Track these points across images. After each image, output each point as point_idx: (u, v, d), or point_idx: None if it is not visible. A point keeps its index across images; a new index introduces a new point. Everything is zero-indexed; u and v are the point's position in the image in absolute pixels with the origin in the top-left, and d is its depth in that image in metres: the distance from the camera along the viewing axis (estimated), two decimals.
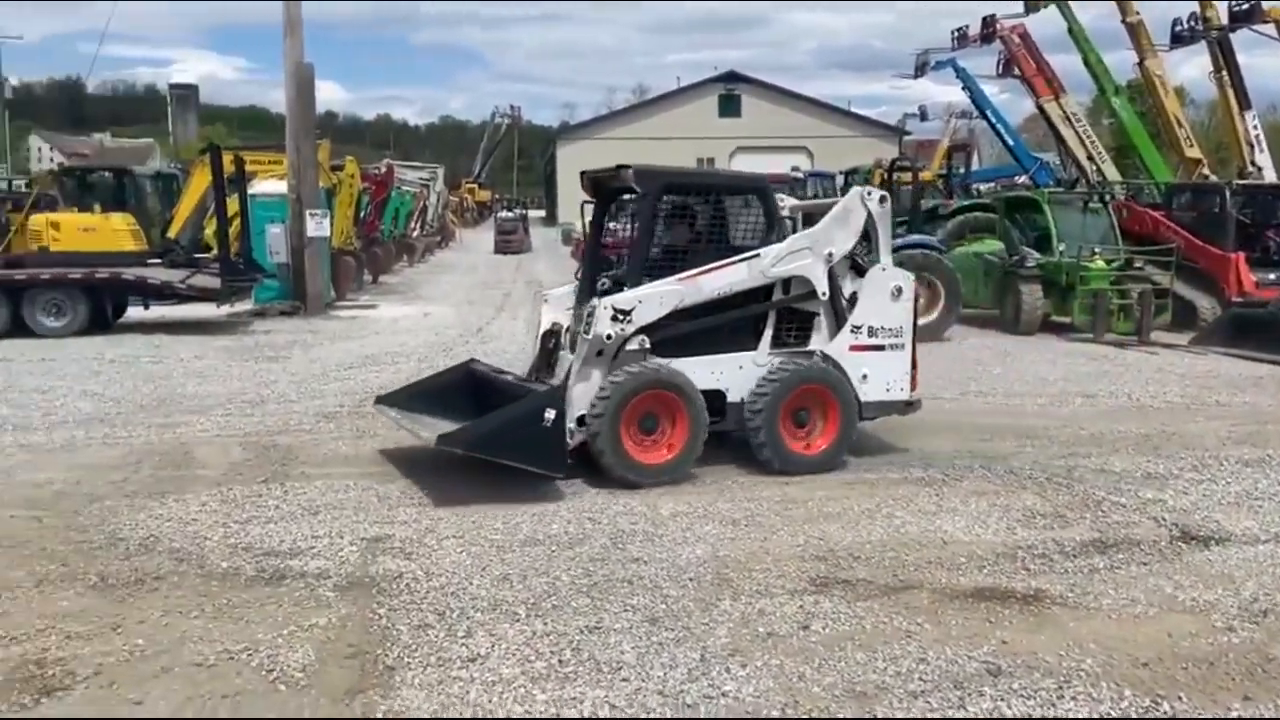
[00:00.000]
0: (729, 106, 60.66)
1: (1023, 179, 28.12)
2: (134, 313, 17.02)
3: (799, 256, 7.51)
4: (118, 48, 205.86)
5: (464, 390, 8.06)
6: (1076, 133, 24.37)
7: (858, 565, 5.57)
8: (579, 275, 8.19)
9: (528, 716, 3.89)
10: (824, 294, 7.58)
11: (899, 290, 7.82)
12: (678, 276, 7.21)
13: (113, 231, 17.17)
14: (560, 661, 4.34)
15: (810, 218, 8.55)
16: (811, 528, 6.19)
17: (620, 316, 6.99)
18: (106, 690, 4.07)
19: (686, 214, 7.76)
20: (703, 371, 7.29)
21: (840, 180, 31.52)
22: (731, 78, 62.30)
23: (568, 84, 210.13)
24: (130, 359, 12.88)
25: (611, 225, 8.93)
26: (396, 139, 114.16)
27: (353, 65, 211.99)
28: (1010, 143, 28.02)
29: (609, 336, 6.97)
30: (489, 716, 3.89)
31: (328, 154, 21.48)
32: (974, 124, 36.03)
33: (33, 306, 15.06)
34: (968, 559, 5.67)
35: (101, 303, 15.84)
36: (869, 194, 7.86)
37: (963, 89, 27.63)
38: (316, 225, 18.34)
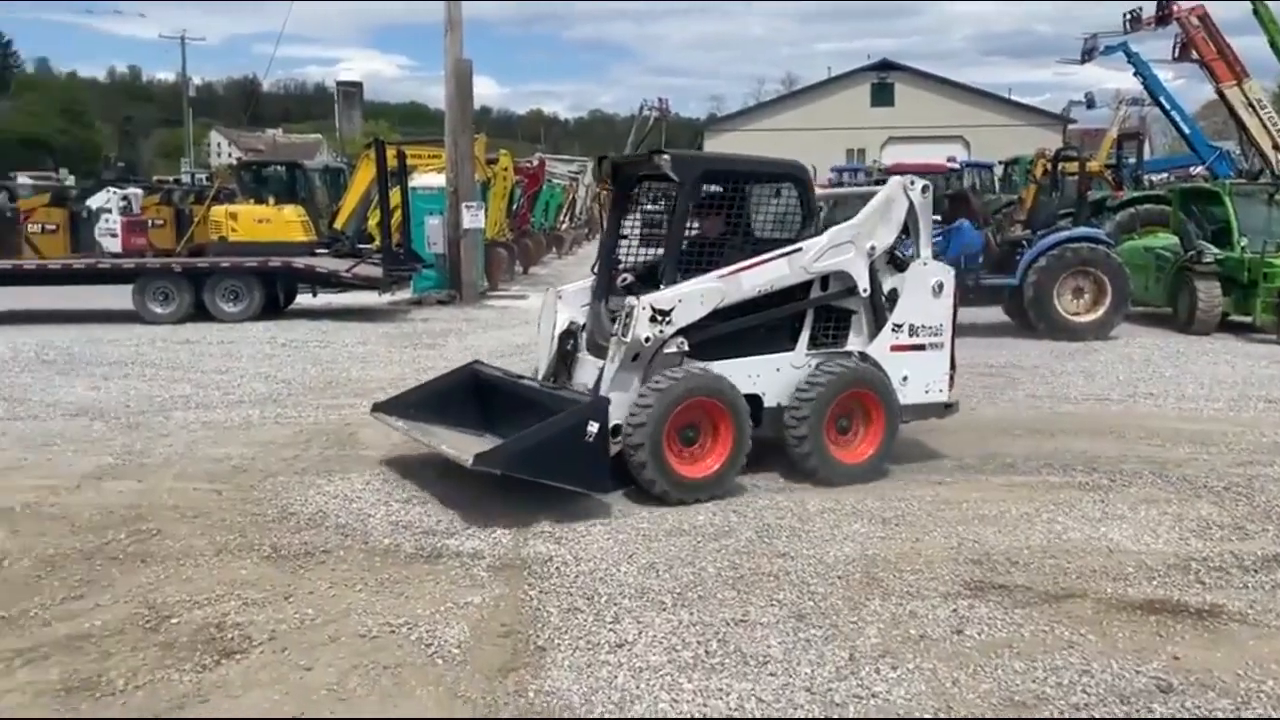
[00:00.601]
0: (881, 95, 59.23)
1: (1199, 170, 26.41)
2: (303, 300, 17.98)
3: (841, 251, 7.02)
4: (290, 48, 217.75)
5: (468, 395, 7.52)
6: (1261, 120, 22.72)
7: (1015, 571, 5.36)
8: (595, 270, 7.54)
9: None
10: (865, 290, 7.11)
11: (940, 286, 7.37)
12: (718, 273, 6.67)
13: (285, 223, 18.18)
14: (706, 652, 4.35)
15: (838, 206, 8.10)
16: (966, 530, 6.00)
17: (659, 317, 6.43)
18: (279, 655, 4.31)
19: (723, 204, 7.10)
20: (739, 375, 6.74)
21: (999, 170, 30.35)
22: (884, 66, 60.80)
23: (716, 76, 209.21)
24: (300, 343, 13.61)
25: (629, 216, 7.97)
26: (547, 133, 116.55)
27: (507, 61, 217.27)
28: (1186, 131, 26.31)
29: (648, 339, 6.42)
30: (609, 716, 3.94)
31: (483, 148, 22.13)
32: (1145, 111, 34.11)
33: (213, 293, 16.10)
34: (1136, 569, 5.39)
35: (274, 290, 16.81)
36: (911, 183, 7.31)
37: (1134, 75, 26.11)
38: (472, 217, 18.89)
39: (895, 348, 7.25)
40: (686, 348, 6.56)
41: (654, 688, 4.04)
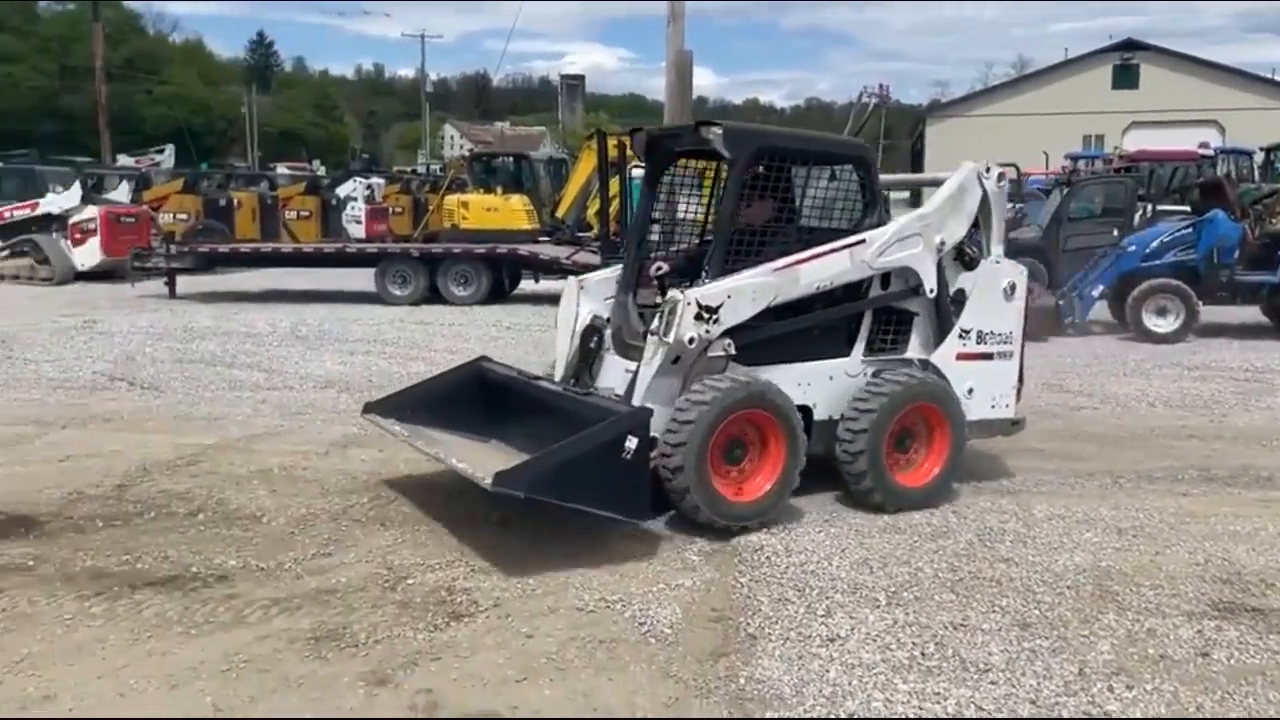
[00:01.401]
0: (1125, 77, 55.19)
1: None
2: (525, 285, 18.75)
3: (908, 244, 6.18)
4: (518, 43, 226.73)
5: (473, 396, 6.69)
6: None
7: (1271, 593, 4.90)
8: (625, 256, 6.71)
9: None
10: (931, 291, 6.28)
11: (1012, 288, 6.57)
12: (772, 265, 5.81)
13: (511, 211, 19.04)
14: (923, 654, 4.23)
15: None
16: (1213, 546, 5.54)
17: (706, 315, 5.59)
18: (503, 621, 4.53)
19: (777, 186, 6.10)
20: (788, 383, 5.92)
21: (1260, 157, 27.75)
22: (1129, 45, 56.59)
23: (940, 60, 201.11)
24: (523, 327, 14.23)
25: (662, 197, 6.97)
26: (763, 121, 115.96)
27: (725, 51, 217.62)
28: None
29: (692, 340, 5.59)
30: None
31: None
32: None
33: (445, 277, 17.07)
34: None
35: (500, 275, 17.62)
36: (986, 171, 6.51)
37: None
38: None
39: (961, 356, 6.41)
40: (733, 351, 5.75)
41: (867, 685, 3.97)
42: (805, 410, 5.96)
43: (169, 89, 70.57)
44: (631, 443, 5.15)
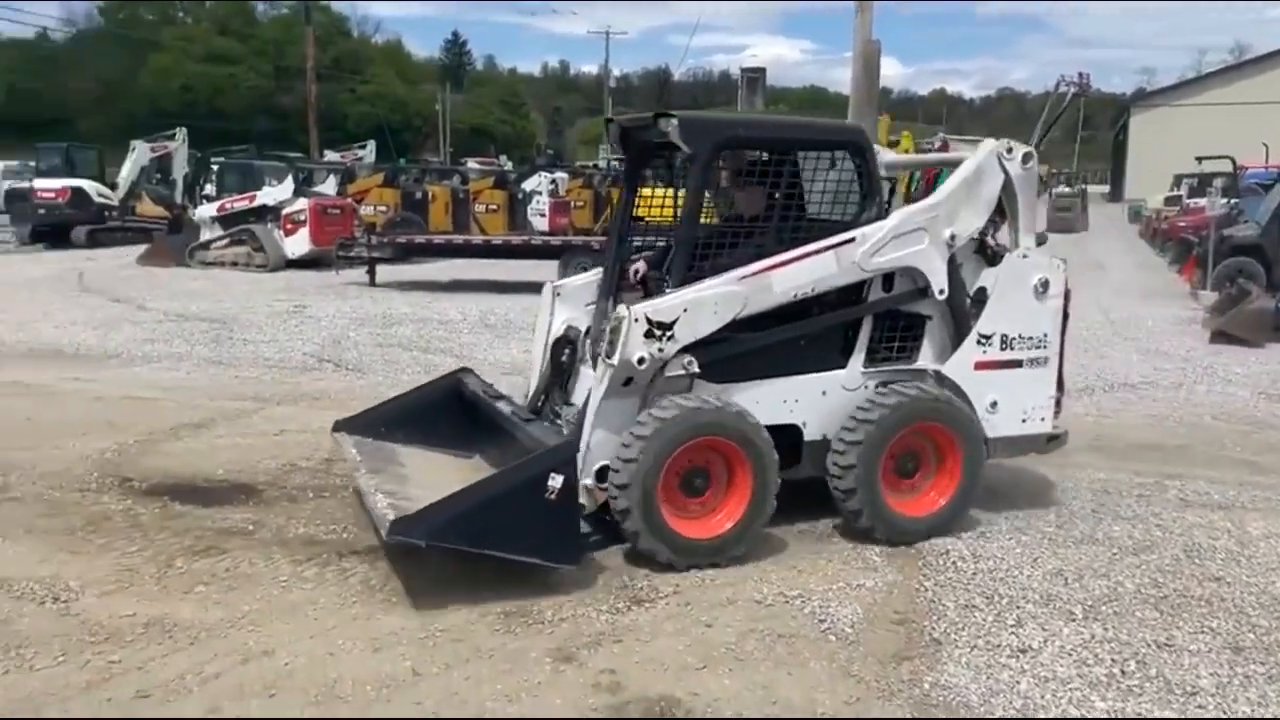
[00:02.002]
0: None
1: None
2: None
3: (909, 240, 5.42)
4: (700, 38, 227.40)
5: (455, 409, 6.21)
6: None
7: None
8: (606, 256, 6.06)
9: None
10: (941, 292, 5.52)
11: (1044, 285, 5.73)
12: (738, 273, 5.13)
13: None
14: (1122, 672, 4.02)
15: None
16: None
17: (658, 332, 4.96)
18: (682, 609, 4.59)
19: (751, 180, 5.53)
20: (770, 400, 5.32)
21: None
22: None
23: (1147, 46, 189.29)
24: None
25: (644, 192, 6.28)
26: (950, 113, 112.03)
27: (912, 40, 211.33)
28: None
29: (642, 361, 4.95)
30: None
31: (886, 130, 21.76)
32: None
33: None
34: None
35: None
36: (1008, 151, 5.68)
37: None
38: None
39: (982, 365, 5.64)
40: (696, 368, 5.11)
41: (1060, 700, 3.81)
42: (794, 429, 5.40)
43: (370, 88, 74.64)
44: (556, 481, 4.61)
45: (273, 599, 4.59)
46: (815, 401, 5.42)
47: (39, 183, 26.62)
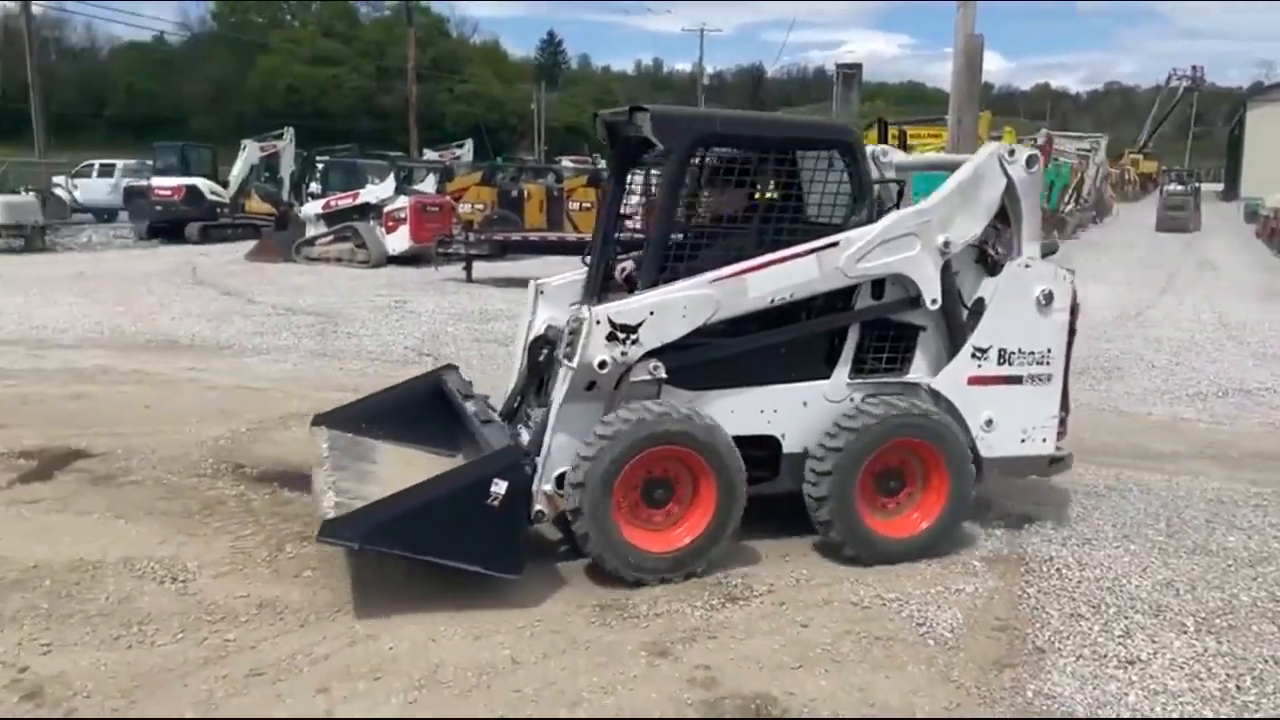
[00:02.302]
0: None
1: None
2: None
3: (899, 246, 5.14)
4: (795, 34, 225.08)
5: (438, 407, 5.97)
6: None
7: None
8: (587, 258, 5.83)
9: None
10: (934, 301, 5.24)
11: (1048, 296, 5.38)
12: (710, 276, 4.92)
13: None
14: (1238, 687, 3.88)
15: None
16: None
17: (621, 335, 4.79)
18: (777, 608, 4.58)
19: (731, 180, 5.28)
20: (747, 410, 5.09)
21: None
22: None
23: (1264, 38, 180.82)
24: None
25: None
26: (1053, 108, 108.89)
27: (1015, 34, 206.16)
28: None
29: (603, 365, 4.77)
30: None
31: (988, 126, 21.31)
32: None
33: None
34: None
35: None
36: (1010, 154, 5.38)
37: None
38: None
39: (976, 380, 5.32)
40: (663, 374, 4.87)
41: (1171, 714, 3.70)
42: (773, 441, 5.17)
43: (468, 87, 76.04)
44: (499, 487, 4.47)
45: (376, 585, 4.72)
46: (796, 412, 5.18)
47: (156, 181, 27.83)
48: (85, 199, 33.11)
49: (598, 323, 4.78)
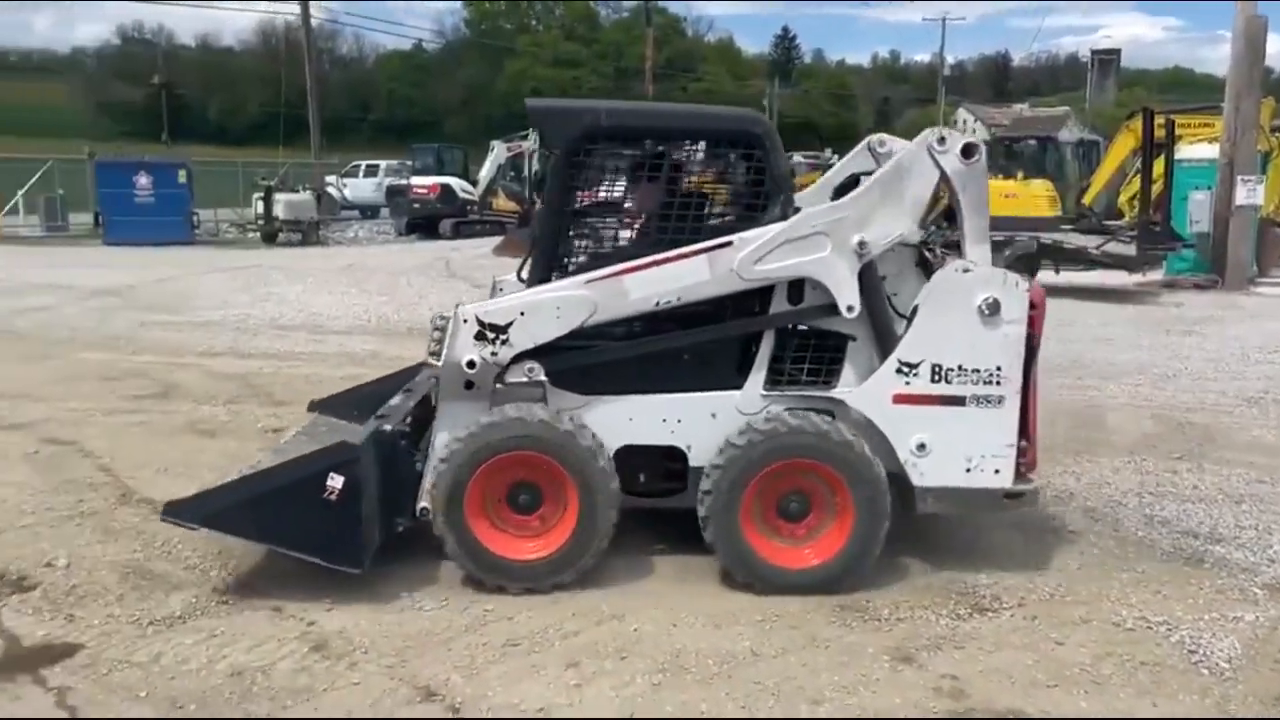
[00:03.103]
0: None
1: None
2: (1044, 275, 17.65)
3: (805, 247, 4.62)
4: (1048, 20, 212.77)
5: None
6: None
7: None
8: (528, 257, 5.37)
9: None
10: (850, 309, 4.65)
11: (991, 306, 4.58)
12: (585, 277, 4.68)
13: (1032, 197, 18.00)
14: None
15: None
16: None
17: (490, 335, 4.63)
18: (1028, 623, 4.39)
19: (629, 175, 5.03)
20: (647, 418, 4.75)
21: None
22: None
23: None
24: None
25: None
26: None
27: None
28: None
29: (471, 364, 4.64)
30: None
31: (1270, 114, 19.32)
32: None
33: None
34: None
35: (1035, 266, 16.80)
36: (939, 142, 4.66)
37: None
38: (1248, 192, 16.70)
39: (903, 398, 4.67)
40: (541, 376, 4.68)
41: None
42: (679, 453, 4.81)
43: (702, 85, 76.88)
44: (335, 481, 4.42)
45: (624, 569, 4.87)
46: (703, 423, 4.78)
47: (414, 180, 29.90)
48: (353, 197, 36.11)
49: (465, 321, 4.69)
